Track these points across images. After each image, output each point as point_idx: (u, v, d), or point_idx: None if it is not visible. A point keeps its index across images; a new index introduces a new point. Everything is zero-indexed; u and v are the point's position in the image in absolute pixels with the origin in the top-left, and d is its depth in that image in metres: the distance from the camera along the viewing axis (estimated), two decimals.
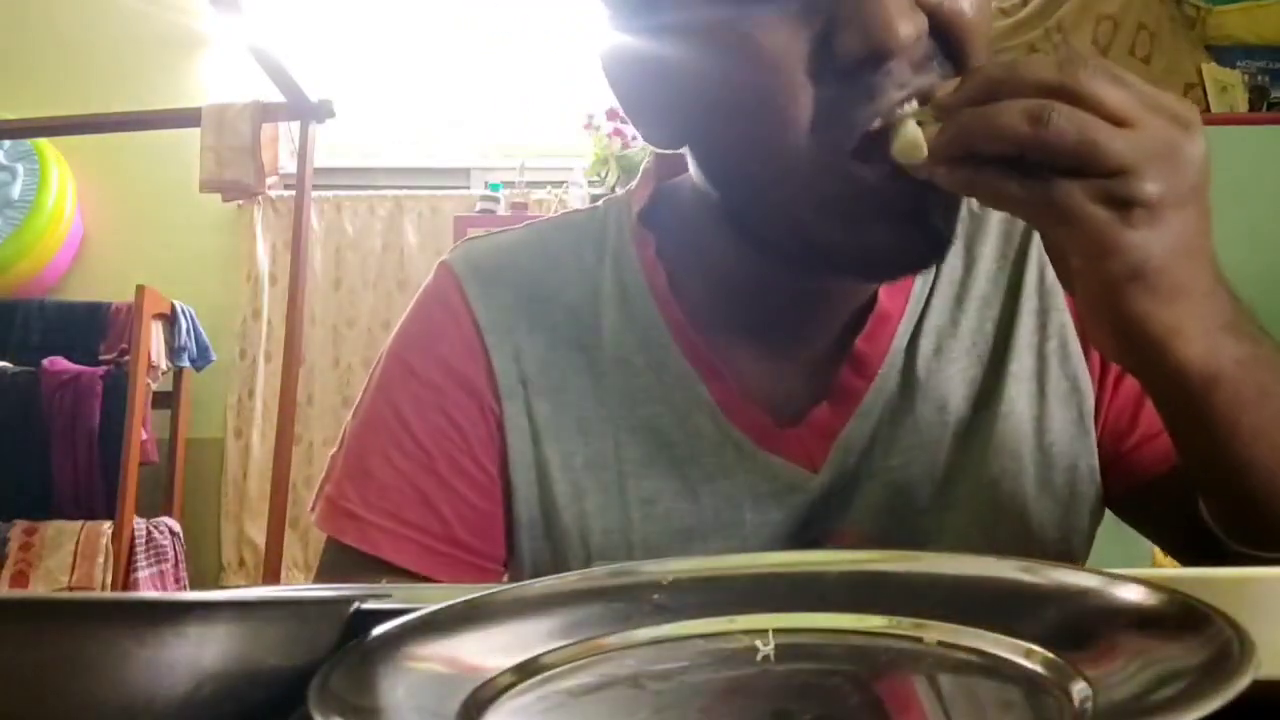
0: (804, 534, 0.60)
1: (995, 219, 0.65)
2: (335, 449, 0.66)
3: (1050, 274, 0.59)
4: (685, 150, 0.59)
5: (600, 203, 0.68)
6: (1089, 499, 0.62)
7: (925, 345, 0.62)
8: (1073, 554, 0.62)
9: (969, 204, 0.62)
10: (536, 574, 0.61)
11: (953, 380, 0.61)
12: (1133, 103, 0.42)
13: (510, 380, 0.62)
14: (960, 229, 0.59)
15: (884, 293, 0.61)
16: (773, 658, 0.35)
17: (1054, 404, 0.61)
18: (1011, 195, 0.43)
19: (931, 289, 0.63)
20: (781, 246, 0.55)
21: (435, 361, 0.63)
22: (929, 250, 0.52)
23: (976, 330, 0.62)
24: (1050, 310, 0.62)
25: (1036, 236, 0.62)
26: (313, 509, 0.65)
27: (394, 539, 0.61)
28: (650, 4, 0.53)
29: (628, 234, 0.64)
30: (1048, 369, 0.62)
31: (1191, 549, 0.61)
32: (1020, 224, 0.64)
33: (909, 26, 0.46)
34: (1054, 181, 0.41)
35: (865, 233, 0.51)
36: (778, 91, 0.48)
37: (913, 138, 0.46)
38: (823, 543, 0.60)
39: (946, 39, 0.49)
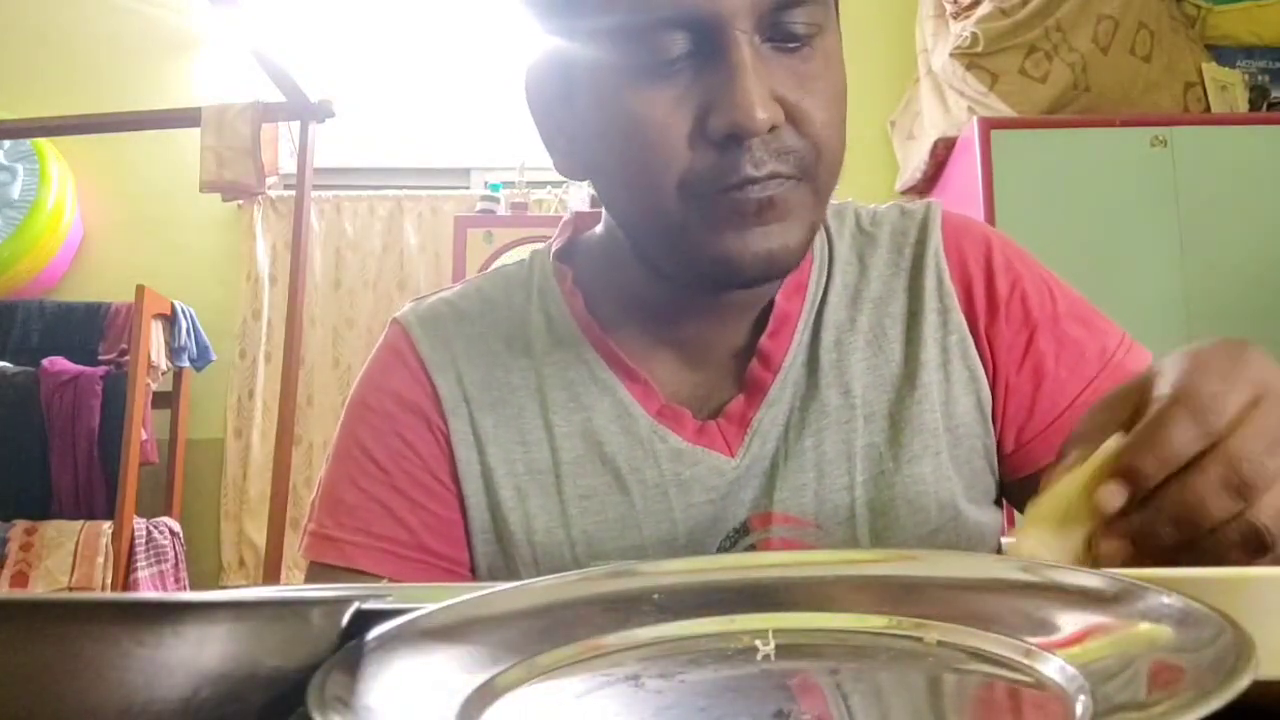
0: (730, 516, 0.66)
1: (885, 234, 0.73)
2: (314, 495, 0.73)
3: (946, 280, 0.70)
4: (589, 184, 0.68)
5: (527, 255, 0.77)
6: (987, 477, 0.70)
7: (826, 339, 0.69)
8: (986, 527, 0.69)
9: (859, 222, 0.74)
10: (490, 574, 0.68)
11: (854, 368, 0.69)
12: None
13: (454, 399, 0.69)
14: (853, 243, 0.73)
15: (781, 297, 0.69)
16: (773, 658, 0.35)
17: (957, 389, 0.69)
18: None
19: (825, 292, 0.71)
20: (671, 269, 0.64)
21: (388, 395, 0.71)
22: (782, 260, 0.60)
23: (875, 326, 0.70)
24: (949, 311, 0.70)
25: (930, 248, 0.71)
26: (299, 548, 0.71)
27: (367, 551, 0.67)
28: (563, 56, 0.62)
29: (549, 272, 0.73)
30: (950, 359, 0.69)
31: None
32: (910, 238, 0.73)
33: (764, 114, 0.55)
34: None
35: (727, 248, 0.59)
36: (660, 152, 0.58)
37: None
38: (749, 523, 0.66)
39: (800, 133, 0.58)
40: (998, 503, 0.72)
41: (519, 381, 0.70)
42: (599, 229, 0.74)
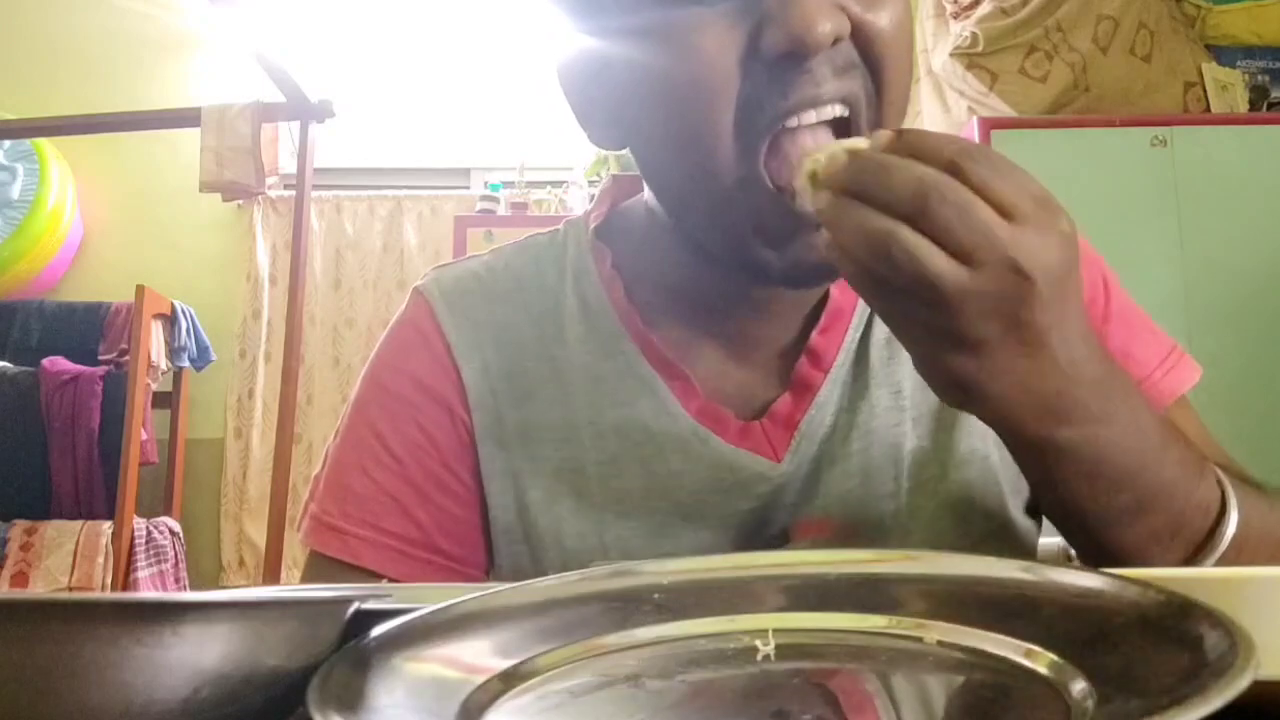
0: (772, 523, 0.62)
1: None
2: (317, 470, 0.68)
3: None
4: (628, 150, 0.62)
5: (561, 225, 0.71)
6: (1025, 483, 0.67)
7: (877, 335, 0.65)
8: (1028, 536, 0.65)
9: None
10: (517, 577, 0.63)
11: (905, 367, 0.64)
12: (1018, 198, 0.43)
13: (480, 392, 0.64)
14: None
15: (836, 289, 0.64)
16: (773, 658, 0.35)
17: None
18: (863, 284, 0.45)
19: None
20: (719, 254, 0.59)
21: (407, 378, 0.65)
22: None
23: None
24: None
25: None
26: (298, 528, 0.67)
27: (374, 547, 0.63)
28: (596, 7, 0.56)
29: (586, 250, 0.67)
30: None
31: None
32: None
33: (828, 25, 0.49)
34: (894, 292, 0.43)
35: (783, 242, 0.54)
36: (709, 81, 0.52)
37: (802, 188, 0.47)
38: (791, 531, 0.62)
39: (865, 50, 0.52)
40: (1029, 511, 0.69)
41: (549, 372, 0.64)
42: (641, 207, 0.67)
